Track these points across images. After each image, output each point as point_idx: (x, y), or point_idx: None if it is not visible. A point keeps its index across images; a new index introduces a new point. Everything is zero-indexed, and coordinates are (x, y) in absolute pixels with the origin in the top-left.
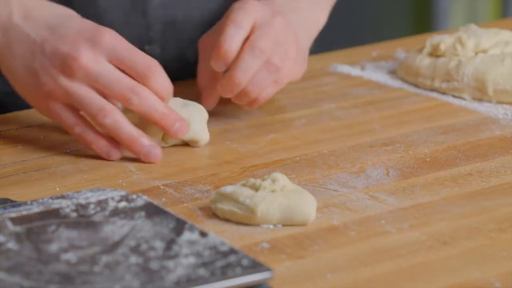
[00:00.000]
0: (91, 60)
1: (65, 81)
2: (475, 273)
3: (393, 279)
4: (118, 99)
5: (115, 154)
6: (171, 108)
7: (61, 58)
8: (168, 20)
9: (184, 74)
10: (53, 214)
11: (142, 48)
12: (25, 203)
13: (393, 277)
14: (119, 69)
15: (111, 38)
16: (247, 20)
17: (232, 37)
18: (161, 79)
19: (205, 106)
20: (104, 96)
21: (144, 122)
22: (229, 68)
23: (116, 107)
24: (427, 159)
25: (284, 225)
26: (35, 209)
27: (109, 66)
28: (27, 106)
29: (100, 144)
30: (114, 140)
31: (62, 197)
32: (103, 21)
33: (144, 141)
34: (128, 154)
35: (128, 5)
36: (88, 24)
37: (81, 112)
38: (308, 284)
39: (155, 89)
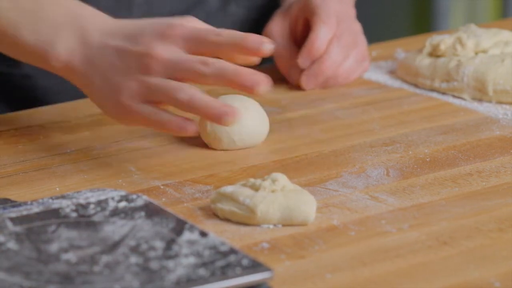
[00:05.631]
0: (166, 53)
1: (144, 78)
2: (475, 273)
3: (393, 279)
4: (191, 76)
5: (191, 126)
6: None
7: (137, 60)
8: (153, 15)
9: None
10: (53, 214)
11: None
12: (25, 203)
13: (393, 277)
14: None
15: (182, 29)
16: (333, 18)
17: (324, 36)
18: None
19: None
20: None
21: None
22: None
23: (191, 85)
24: (427, 159)
25: (284, 225)
26: (35, 209)
27: (182, 53)
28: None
29: (176, 120)
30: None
31: (62, 197)
32: None
33: (217, 103)
34: (128, 154)
35: (113, 3)
36: (159, 20)
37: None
38: (308, 284)
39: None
